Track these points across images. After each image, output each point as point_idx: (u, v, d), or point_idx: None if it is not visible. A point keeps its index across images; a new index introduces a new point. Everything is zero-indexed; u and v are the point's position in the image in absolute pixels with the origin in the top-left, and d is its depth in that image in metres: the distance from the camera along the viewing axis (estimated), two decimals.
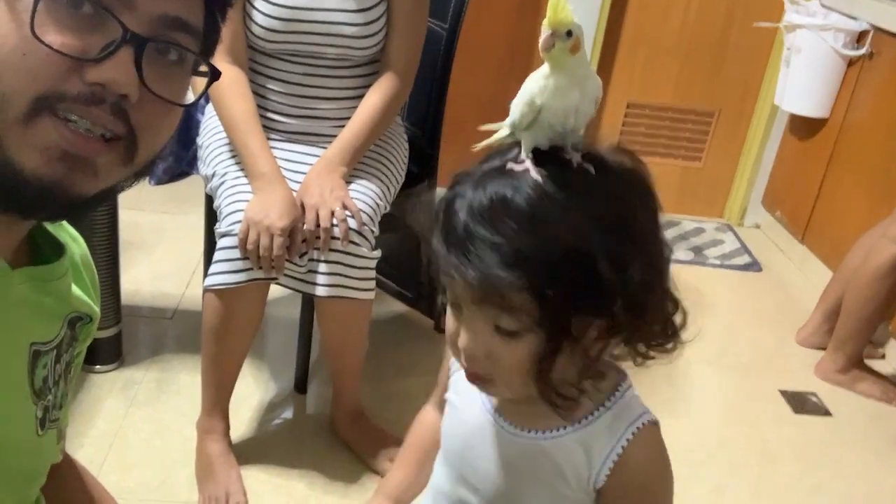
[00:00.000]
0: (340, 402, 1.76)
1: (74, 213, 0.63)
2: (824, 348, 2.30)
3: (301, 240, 1.45)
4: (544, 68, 0.70)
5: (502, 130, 0.74)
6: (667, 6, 2.95)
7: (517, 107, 0.71)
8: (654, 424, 0.78)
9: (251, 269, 1.45)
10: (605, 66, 2.98)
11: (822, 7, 2.76)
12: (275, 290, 2.29)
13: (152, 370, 1.94)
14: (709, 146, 3.19)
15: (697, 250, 2.98)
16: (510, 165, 0.69)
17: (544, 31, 0.66)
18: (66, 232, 0.77)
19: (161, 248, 2.50)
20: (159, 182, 2.92)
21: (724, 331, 2.51)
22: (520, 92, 0.71)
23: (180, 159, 2.93)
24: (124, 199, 2.58)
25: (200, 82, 0.67)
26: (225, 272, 1.46)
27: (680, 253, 2.93)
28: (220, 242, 1.47)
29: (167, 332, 2.11)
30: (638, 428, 0.76)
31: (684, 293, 2.60)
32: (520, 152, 0.71)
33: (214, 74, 0.65)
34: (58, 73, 0.57)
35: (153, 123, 0.62)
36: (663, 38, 2.99)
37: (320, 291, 1.49)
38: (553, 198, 0.67)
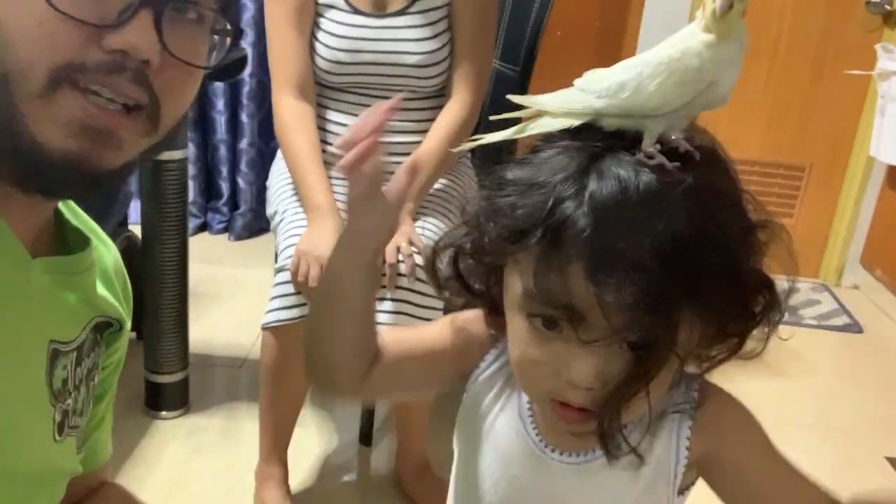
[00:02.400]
0: (406, 455, 1.69)
1: (99, 188, 0.61)
2: None
3: None
4: (695, 36, 0.59)
5: (570, 114, 0.63)
6: (752, 56, 2.84)
7: (668, 86, 0.58)
8: (706, 380, 0.70)
9: (306, 304, 1.41)
10: None
11: None
12: None
13: (218, 418, 1.90)
14: (800, 202, 3.03)
15: (792, 310, 2.80)
16: (641, 159, 0.58)
17: None
18: (97, 235, 0.75)
19: (236, 301, 2.50)
20: (238, 238, 2.96)
21: (824, 394, 2.32)
22: (654, 66, 0.59)
23: (259, 216, 2.97)
24: (203, 253, 2.66)
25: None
26: (280, 308, 1.42)
27: None
28: (276, 278, 1.44)
29: (236, 381, 2.09)
30: (695, 390, 0.69)
31: (778, 353, 2.41)
32: (631, 141, 0.60)
33: (236, 32, 0.63)
34: (76, 43, 0.55)
35: (175, 88, 0.60)
36: (749, 90, 2.90)
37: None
38: (684, 186, 0.57)
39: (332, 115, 1.59)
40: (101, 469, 0.84)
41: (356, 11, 1.52)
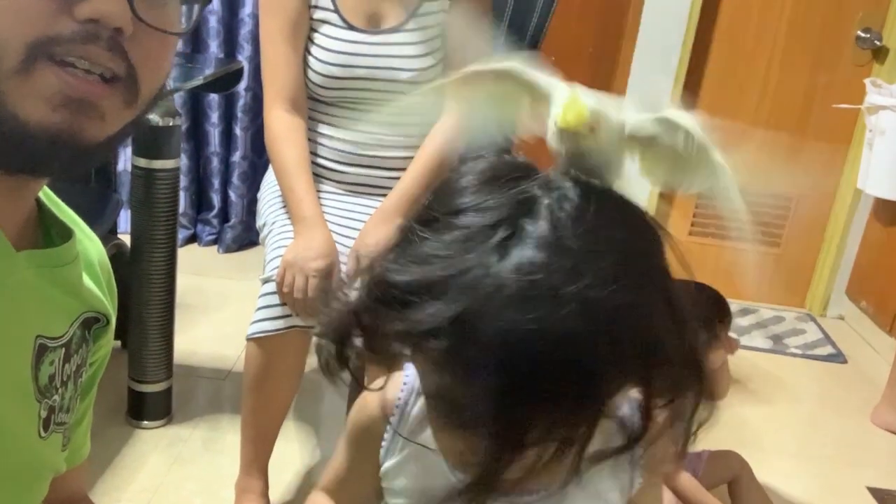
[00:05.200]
0: None
1: (84, 163, 0.61)
2: None
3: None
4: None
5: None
6: (742, 88, 2.90)
7: None
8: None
9: (291, 315, 1.41)
10: None
11: None
12: None
13: (200, 429, 1.89)
14: (787, 231, 3.06)
15: (777, 339, 2.82)
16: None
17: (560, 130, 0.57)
18: (81, 229, 0.74)
19: (223, 313, 2.49)
20: (227, 250, 2.96)
21: (807, 422, 2.33)
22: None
23: (249, 228, 2.97)
24: (191, 265, 2.66)
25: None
26: (265, 319, 1.43)
27: (758, 341, 2.77)
28: (262, 289, 1.44)
29: (220, 393, 2.08)
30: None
31: (763, 381, 2.41)
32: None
33: None
34: (48, 14, 0.55)
35: (151, 57, 0.60)
36: (740, 117, 2.93)
37: None
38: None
39: (323, 129, 1.60)
40: (79, 468, 0.83)
41: (350, 27, 1.53)
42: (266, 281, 1.44)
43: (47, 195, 0.71)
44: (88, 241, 0.75)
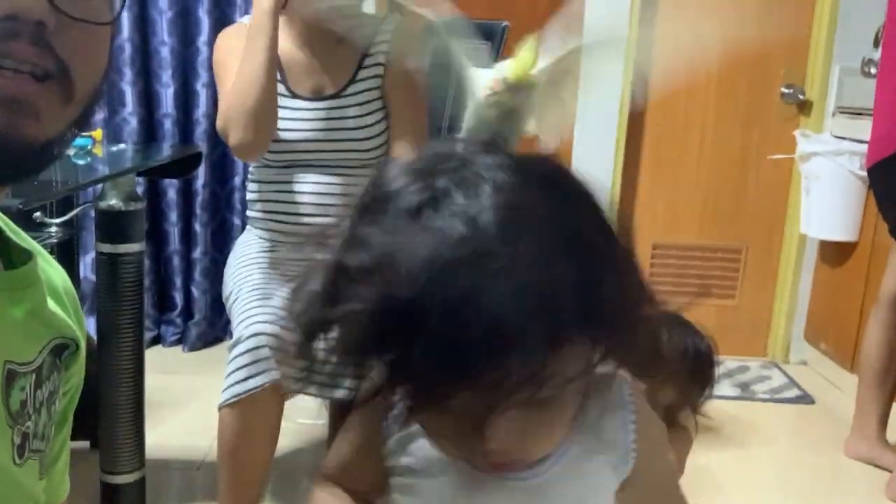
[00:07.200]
0: None
1: (27, 166, 0.60)
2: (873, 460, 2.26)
3: None
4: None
5: None
6: (681, 145, 3.04)
7: None
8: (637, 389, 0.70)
9: (264, 372, 1.42)
10: (627, 206, 3.03)
11: (833, 137, 2.82)
12: (305, 430, 2.24)
13: None
14: (741, 283, 3.15)
15: (744, 386, 2.86)
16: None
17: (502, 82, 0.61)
18: (42, 256, 0.74)
19: (192, 407, 2.46)
20: (193, 348, 2.93)
21: (783, 460, 2.35)
22: None
23: (214, 325, 2.96)
24: (158, 365, 2.63)
25: None
26: (237, 383, 1.43)
27: (725, 389, 2.81)
28: (232, 353, 1.45)
29: (194, 483, 2.04)
30: (630, 391, 0.68)
31: (736, 426, 2.45)
32: None
33: None
34: None
35: (80, 49, 0.59)
36: (682, 177, 3.06)
37: (345, 394, 1.44)
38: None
39: (295, 187, 1.67)
40: None
41: (295, 96, 1.66)
42: (235, 344, 1.45)
43: (4, 222, 0.71)
44: (51, 269, 0.75)
